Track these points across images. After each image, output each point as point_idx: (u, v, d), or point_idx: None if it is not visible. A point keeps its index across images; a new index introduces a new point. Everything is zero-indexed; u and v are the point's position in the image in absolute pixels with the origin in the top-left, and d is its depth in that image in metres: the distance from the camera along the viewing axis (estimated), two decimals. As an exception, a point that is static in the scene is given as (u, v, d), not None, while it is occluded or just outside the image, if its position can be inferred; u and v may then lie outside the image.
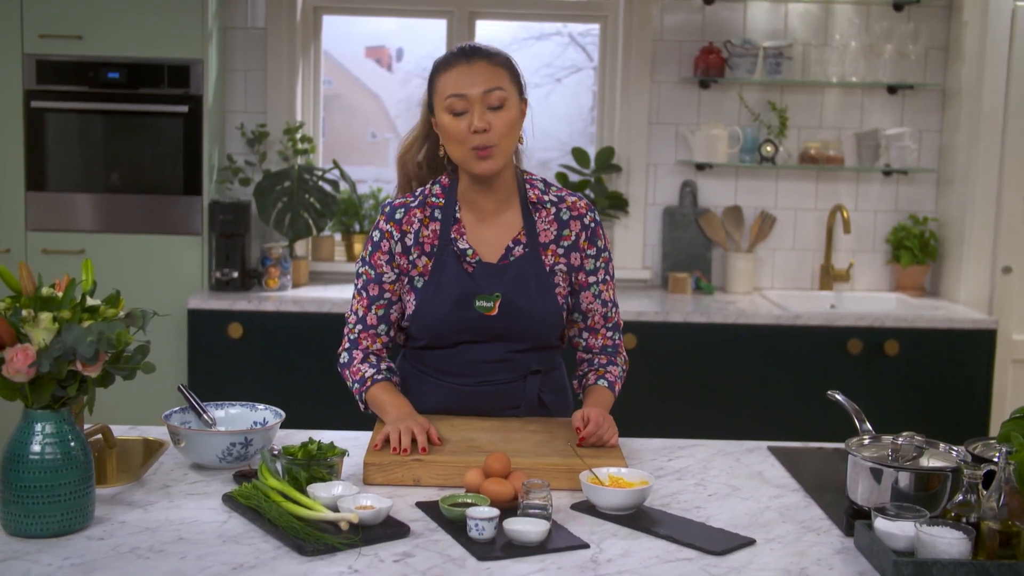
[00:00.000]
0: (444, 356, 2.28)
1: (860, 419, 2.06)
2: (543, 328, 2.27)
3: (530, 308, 2.23)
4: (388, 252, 2.24)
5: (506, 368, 2.27)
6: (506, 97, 2.16)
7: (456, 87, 2.15)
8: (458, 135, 2.15)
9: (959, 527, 1.65)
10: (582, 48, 4.79)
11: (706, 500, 1.98)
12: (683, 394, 4.00)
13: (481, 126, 2.13)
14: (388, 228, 2.24)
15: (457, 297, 2.21)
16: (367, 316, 2.27)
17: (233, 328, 3.95)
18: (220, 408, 2.21)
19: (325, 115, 4.70)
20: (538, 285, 2.24)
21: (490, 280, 2.23)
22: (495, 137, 2.14)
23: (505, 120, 2.15)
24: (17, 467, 1.69)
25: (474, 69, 2.15)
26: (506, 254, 2.25)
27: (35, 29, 3.99)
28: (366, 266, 2.27)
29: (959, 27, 4.39)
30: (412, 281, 2.25)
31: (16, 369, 1.63)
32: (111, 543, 1.69)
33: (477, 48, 2.20)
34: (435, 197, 2.27)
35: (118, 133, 4.10)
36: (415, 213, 2.25)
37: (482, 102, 2.14)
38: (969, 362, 4.03)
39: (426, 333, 2.26)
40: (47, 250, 4.07)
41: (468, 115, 2.14)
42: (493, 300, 2.22)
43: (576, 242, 2.27)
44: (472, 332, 2.24)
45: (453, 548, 1.71)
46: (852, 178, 4.58)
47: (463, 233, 2.25)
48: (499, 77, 2.17)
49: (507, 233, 2.26)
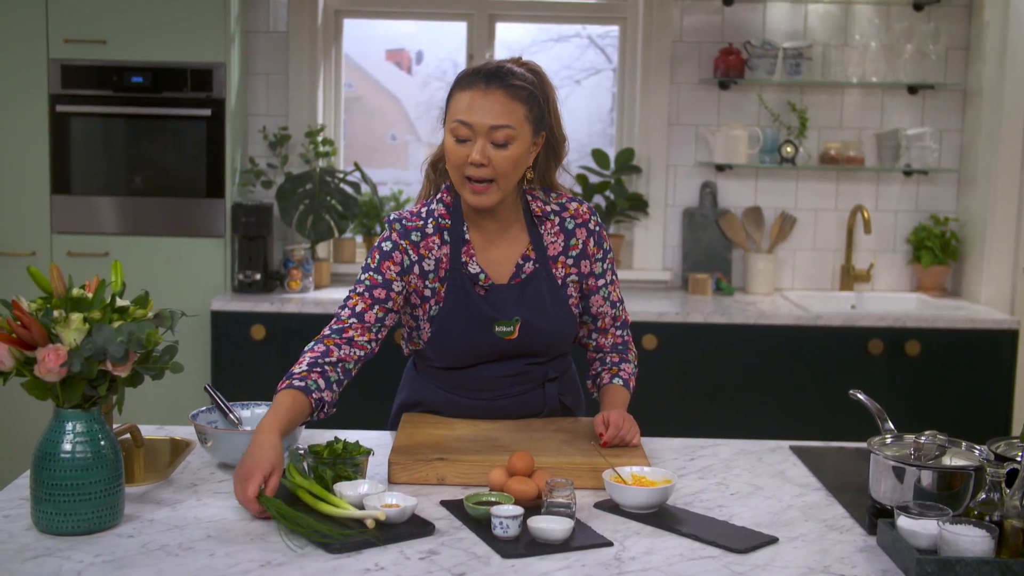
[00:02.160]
0: (462, 375, 2.27)
1: (882, 418, 2.06)
2: (561, 341, 2.27)
3: (549, 326, 2.22)
4: (400, 264, 2.17)
5: (524, 380, 2.28)
6: (514, 136, 2.08)
7: (465, 113, 2.08)
8: (456, 160, 2.10)
9: (982, 525, 1.65)
10: (601, 50, 4.80)
11: (728, 499, 1.99)
12: (704, 394, 4.00)
13: (479, 160, 2.07)
14: (403, 244, 2.18)
15: (475, 324, 2.19)
16: (365, 313, 2.14)
17: (256, 329, 3.98)
18: (246, 408, 2.23)
19: (346, 118, 4.72)
20: (553, 300, 2.22)
21: (506, 304, 2.20)
22: (491, 172, 2.09)
23: (506, 158, 2.08)
24: (48, 465, 1.71)
25: (489, 99, 2.07)
26: (516, 272, 2.22)
27: (60, 34, 4.04)
28: (371, 272, 2.17)
29: (980, 26, 4.38)
30: (428, 309, 2.21)
31: (48, 369, 1.65)
32: (141, 540, 1.71)
33: (501, 73, 2.10)
34: (442, 218, 2.20)
35: (142, 136, 4.14)
36: (433, 241, 2.19)
37: (487, 136, 2.07)
38: (991, 362, 4.01)
39: (444, 358, 2.25)
40: (72, 253, 4.11)
41: (470, 144, 2.08)
42: (513, 325, 2.19)
43: (584, 250, 2.26)
44: (491, 355, 2.23)
45: (478, 546, 1.72)
46: (872, 178, 4.57)
47: (472, 255, 2.20)
48: (512, 113, 2.08)
49: (515, 250, 2.23)
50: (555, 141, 2.23)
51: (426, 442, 2.12)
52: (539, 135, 2.17)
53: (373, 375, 3.86)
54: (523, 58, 2.23)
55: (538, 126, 2.15)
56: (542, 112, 2.15)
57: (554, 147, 2.24)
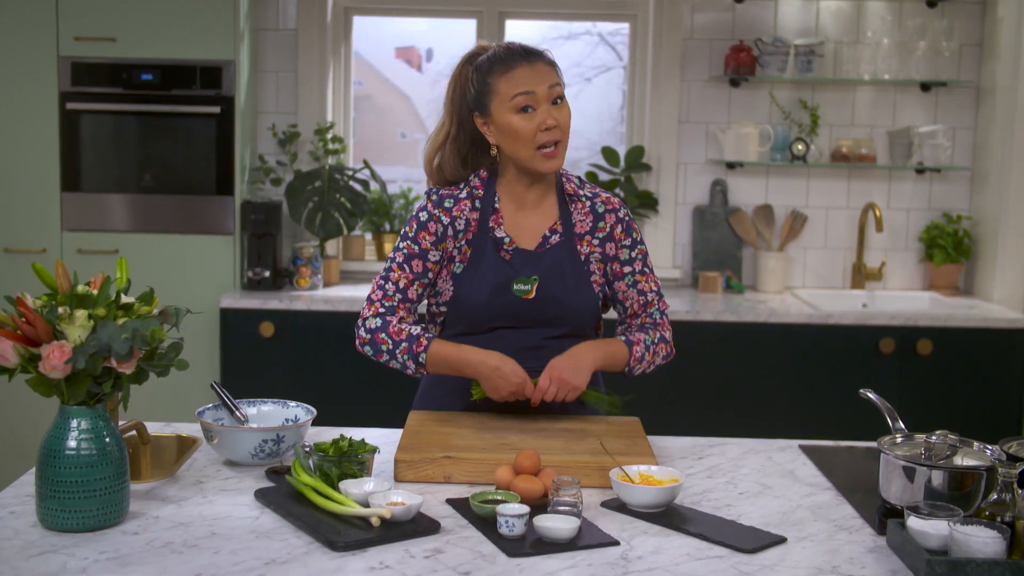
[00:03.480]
0: (481, 342, 2.28)
1: (893, 418, 2.04)
2: (578, 315, 2.29)
3: (565, 295, 2.27)
4: (435, 234, 2.26)
5: (543, 355, 2.28)
6: (563, 93, 2.24)
7: (525, 84, 2.19)
8: (527, 134, 2.20)
9: (994, 526, 1.63)
10: (612, 47, 4.78)
11: (737, 498, 1.97)
12: (714, 393, 3.99)
13: (552, 122, 2.19)
14: (437, 213, 2.27)
15: (495, 282, 2.25)
16: (408, 289, 2.26)
17: (265, 327, 3.98)
18: (252, 405, 2.22)
19: (355, 115, 4.72)
20: (573, 272, 2.27)
21: (527, 266, 2.27)
22: (560, 132, 2.21)
23: (566, 114, 2.23)
24: (53, 462, 1.71)
25: (536, 68, 2.21)
26: (543, 242, 2.30)
27: (70, 32, 4.04)
28: (409, 242, 2.27)
29: (993, 23, 4.35)
30: (453, 267, 2.28)
31: (52, 365, 1.65)
32: (145, 537, 1.71)
33: (529, 48, 2.25)
34: (476, 189, 2.31)
35: (151, 134, 4.14)
36: (464, 204, 2.28)
37: (547, 98, 2.20)
38: (1003, 361, 3.99)
39: (464, 319, 2.29)
40: (82, 250, 4.11)
41: (535, 113, 2.19)
42: (531, 283, 2.26)
43: (611, 233, 2.32)
44: (509, 317, 2.27)
45: (483, 544, 1.71)
46: (884, 176, 4.54)
47: (500, 223, 2.29)
48: (557, 73, 2.24)
49: (544, 222, 2.31)
50: None
51: (432, 440, 2.11)
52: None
53: (381, 372, 3.86)
54: None
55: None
56: None
57: None
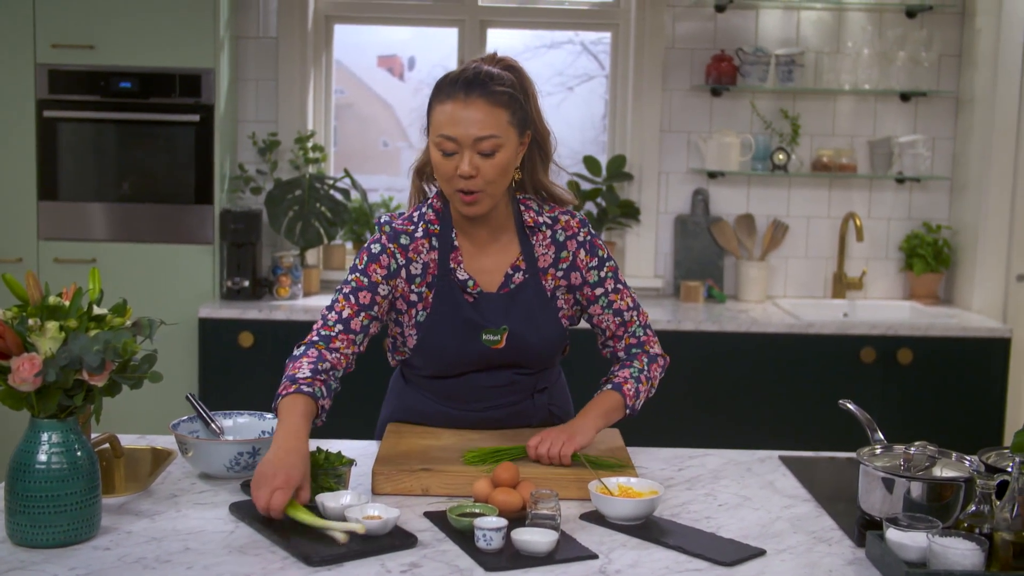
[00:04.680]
0: (451, 385, 2.25)
1: (872, 428, 2.04)
2: (548, 353, 2.24)
3: (537, 338, 2.19)
4: (387, 268, 2.14)
5: (513, 391, 2.26)
6: (500, 144, 2.04)
7: (448, 128, 2.03)
8: (445, 173, 2.07)
9: (972, 538, 1.63)
10: (594, 56, 4.78)
11: (716, 510, 1.96)
12: (694, 403, 3.98)
13: (468, 172, 2.03)
14: (392, 247, 2.15)
15: (462, 330, 2.16)
16: (352, 320, 2.11)
17: (244, 337, 3.95)
18: (228, 417, 2.20)
19: (337, 124, 4.70)
20: (542, 312, 2.19)
21: (494, 312, 2.17)
22: (481, 183, 2.05)
23: (495, 166, 2.05)
24: (23, 477, 1.68)
25: (471, 109, 2.02)
26: (506, 281, 2.19)
27: (48, 39, 4.01)
28: (358, 274, 2.14)
29: (972, 34, 4.37)
30: (414, 314, 2.18)
31: (22, 378, 1.62)
32: (117, 553, 1.68)
33: (479, 81, 2.05)
34: (431, 223, 2.18)
35: (130, 142, 4.11)
36: (421, 244, 2.16)
37: (473, 147, 2.03)
38: (983, 371, 4.00)
39: (431, 365, 2.23)
40: (59, 259, 4.08)
41: (457, 157, 2.04)
42: (500, 334, 2.17)
43: (574, 261, 2.21)
44: (479, 364, 2.21)
45: (461, 559, 1.69)
46: (865, 186, 4.55)
47: (460, 262, 2.17)
48: (495, 121, 2.04)
49: (505, 260, 2.19)
50: (540, 137, 2.19)
51: (410, 452, 2.09)
52: (524, 136, 2.12)
53: (357, 384, 3.83)
54: (498, 54, 2.18)
55: (522, 128, 2.11)
56: (525, 112, 2.11)
57: (539, 143, 2.19)
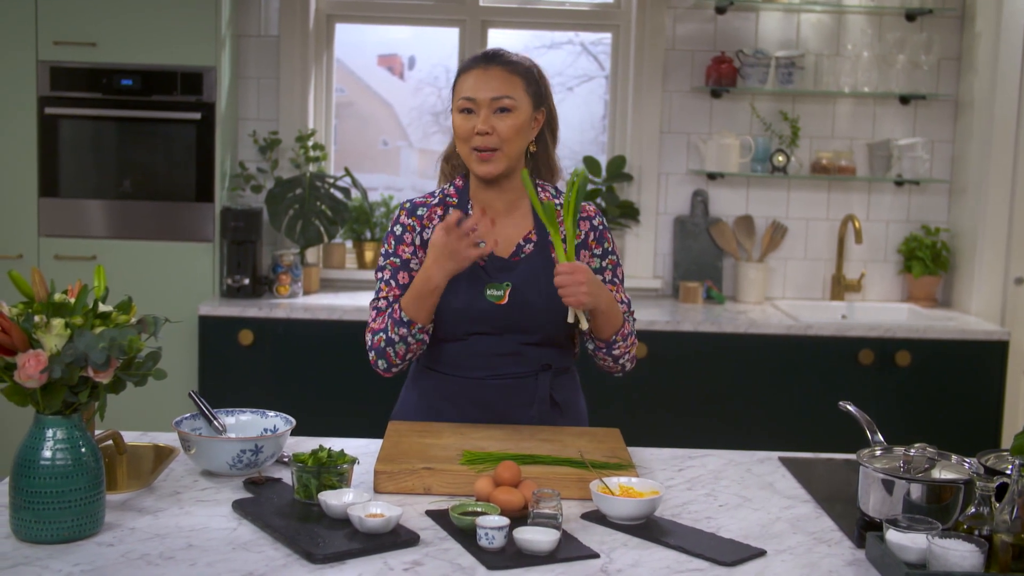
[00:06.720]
0: (456, 349, 2.30)
1: (872, 430, 2.05)
2: (553, 322, 2.28)
3: (539, 300, 2.26)
4: (411, 244, 2.30)
5: (518, 362, 2.29)
6: (514, 105, 2.23)
7: (469, 90, 2.24)
8: (463, 134, 2.25)
9: (971, 540, 1.64)
10: (594, 57, 4.79)
11: (717, 511, 1.97)
12: (694, 404, 3.99)
13: (483, 128, 2.21)
14: (410, 222, 2.31)
15: (468, 287, 2.26)
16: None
17: (244, 335, 3.95)
18: (231, 415, 2.20)
19: (337, 123, 4.71)
20: (547, 279, 2.26)
21: (501, 273, 2.28)
22: (496, 140, 2.22)
23: (509, 125, 2.23)
24: (28, 473, 1.69)
25: (489, 74, 2.24)
26: (516, 251, 2.31)
27: (49, 36, 4.01)
28: (392, 257, 2.30)
29: (972, 37, 4.38)
30: None
31: (28, 375, 1.63)
32: (121, 549, 1.69)
33: (499, 54, 2.28)
34: (450, 197, 2.34)
35: (131, 140, 4.11)
36: (436, 211, 2.32)
37: (489, 106, 2.22)
38: (981, 373, 4.01)
39: (438, 325, 2.28)
40: (59, 256, 4.08)
41: (475, 116, 2.23)
42: (503, 289, 2.26)
43: (584, 240, 2.34)
44: (483, 324, 2.27)
45: (463, 557, 1.70)
46: (864, 188, 4.57)
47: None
48: (512, 85, 2.24)
49: (518, 232, 2.33)
50: (553, 121, 2.38)
51: (412, 451, 2.10)
52: (539, 111, 2.31)
53: (359, 384, 3.85)
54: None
55: (537, 101, 2.30)
56: (539, 88, 2.31)
57: (551, 126, 2.38)
